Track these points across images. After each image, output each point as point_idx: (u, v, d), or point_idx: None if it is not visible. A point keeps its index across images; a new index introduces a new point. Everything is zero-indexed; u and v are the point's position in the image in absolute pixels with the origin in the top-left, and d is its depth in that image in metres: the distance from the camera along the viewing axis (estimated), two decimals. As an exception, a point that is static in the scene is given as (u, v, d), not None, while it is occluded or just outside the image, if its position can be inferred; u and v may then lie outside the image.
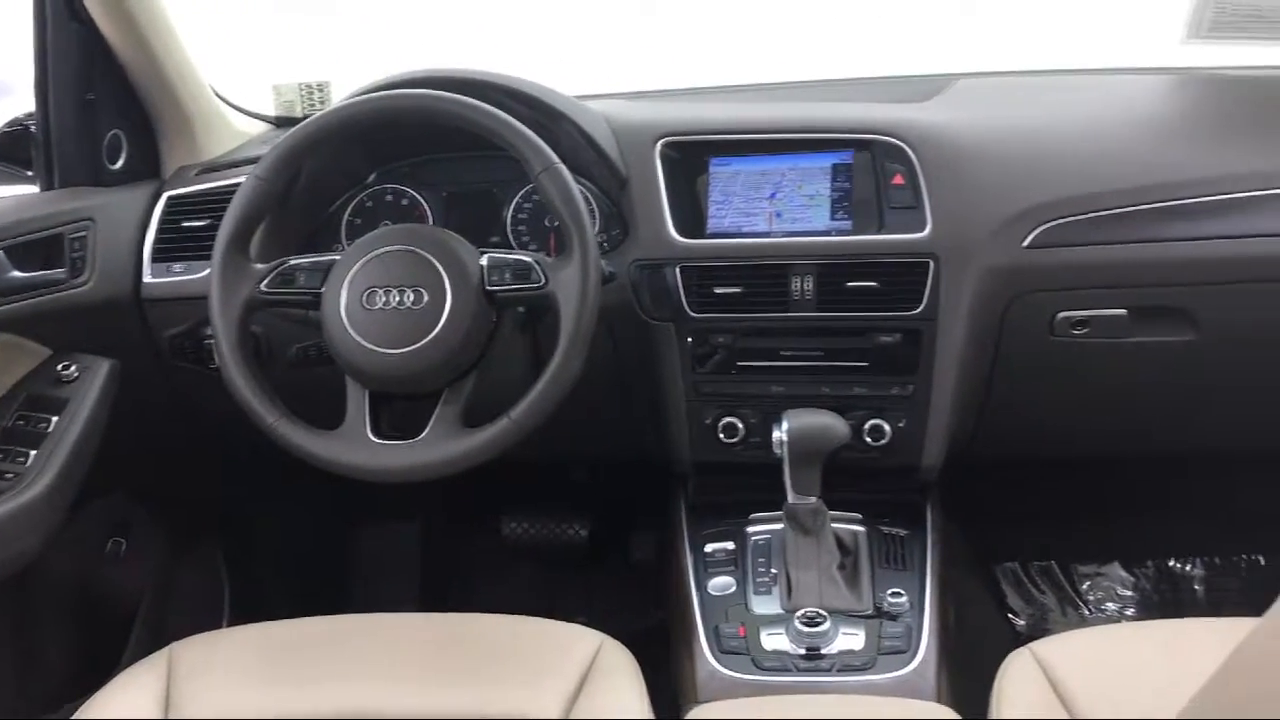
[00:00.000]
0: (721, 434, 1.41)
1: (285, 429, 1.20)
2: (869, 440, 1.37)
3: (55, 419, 1.30)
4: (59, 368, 1.34)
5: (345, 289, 1.20)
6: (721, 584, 1.32)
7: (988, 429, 1.48)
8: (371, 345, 1.18)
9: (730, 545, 1.37)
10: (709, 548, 1.37)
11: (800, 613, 1.21)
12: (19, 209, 1.38)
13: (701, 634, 1.25)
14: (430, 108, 1.22)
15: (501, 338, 1.24)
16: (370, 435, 1.19)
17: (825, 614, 1.21)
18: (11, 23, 1.44)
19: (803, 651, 1.20)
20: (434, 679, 1.16)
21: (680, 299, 1.38)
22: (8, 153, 1.46)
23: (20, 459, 1.26)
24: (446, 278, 1.18)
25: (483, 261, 1.21)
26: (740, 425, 1.40)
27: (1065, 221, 1.33)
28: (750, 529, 1.39)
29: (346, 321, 1.19)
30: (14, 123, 1.47)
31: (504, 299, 1.21)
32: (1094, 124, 1.45)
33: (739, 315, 1.38)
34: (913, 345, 1.35)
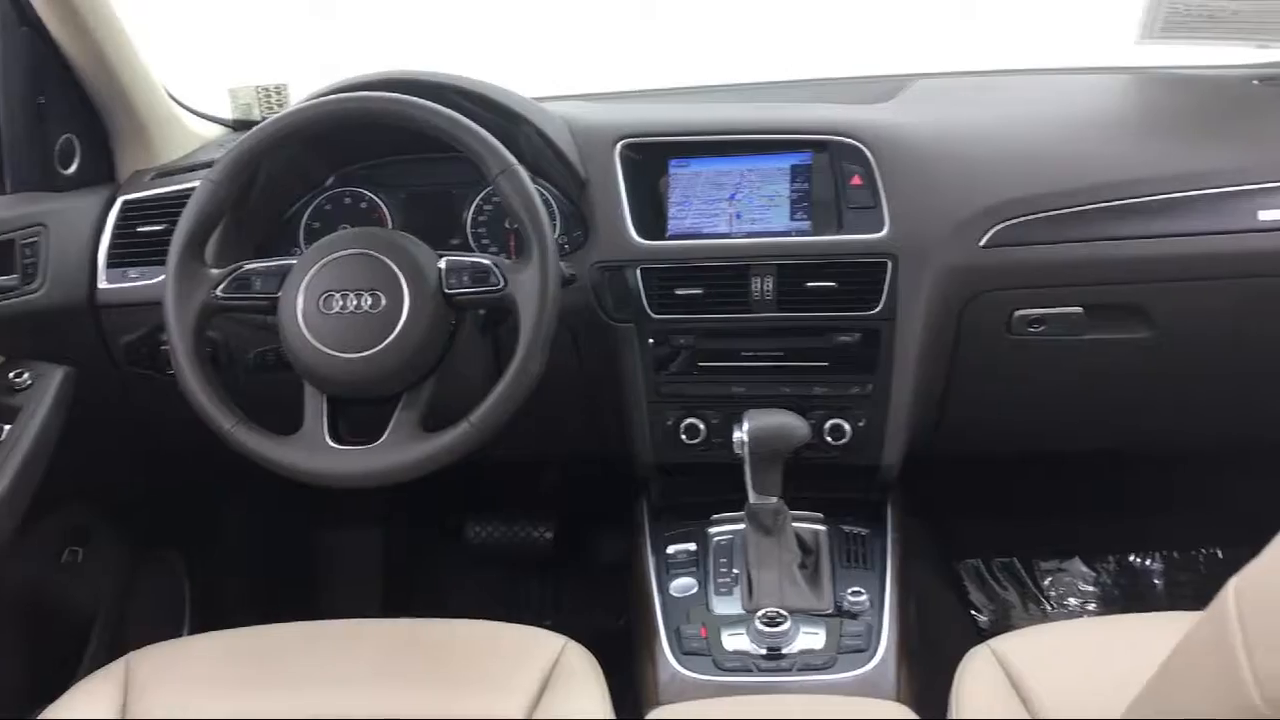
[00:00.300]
0: (683, 435, 1.41)
1: (242, 435, 1.19)
2: (829, 439, 1.38)
3: (8, 427, 1.28)
4: (11, 375, 1.32)
5: (302, 293, 1.19)
6: (683, 585, 1.32)
7: (947, 427, 1.49)
8: (329, 350, 1.17)
9: (692, 546, 1.38)
10: (671, 549, 1.38)
11: (761, 613, 1.22)
12: None
13: (663, 635, 1.26)
14: (387, 110, 1.21)
15: (461, 341, 1.24)
16: (328, 440, 1.18)
17: (786, 614, 1.22)
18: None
19: (764, 651, 1.21)
20: (395, 684, 1.15)
21: (641, 300, 1.38)
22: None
23: (-29, 468, 1.25)
24: (404, 281, 1.18)
25: (441, 264, 1.21)
26: (702, 426, 1.40)
27: (1021, 221, 1.34)
28: (712, 530, 1.39)
29: (303, 326, 1.18)
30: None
31: (463, 302, 1.21)
32: (1049, 124, 1.46)
33: (700, 316, 1.38)
34: (872, 345, 1.36)
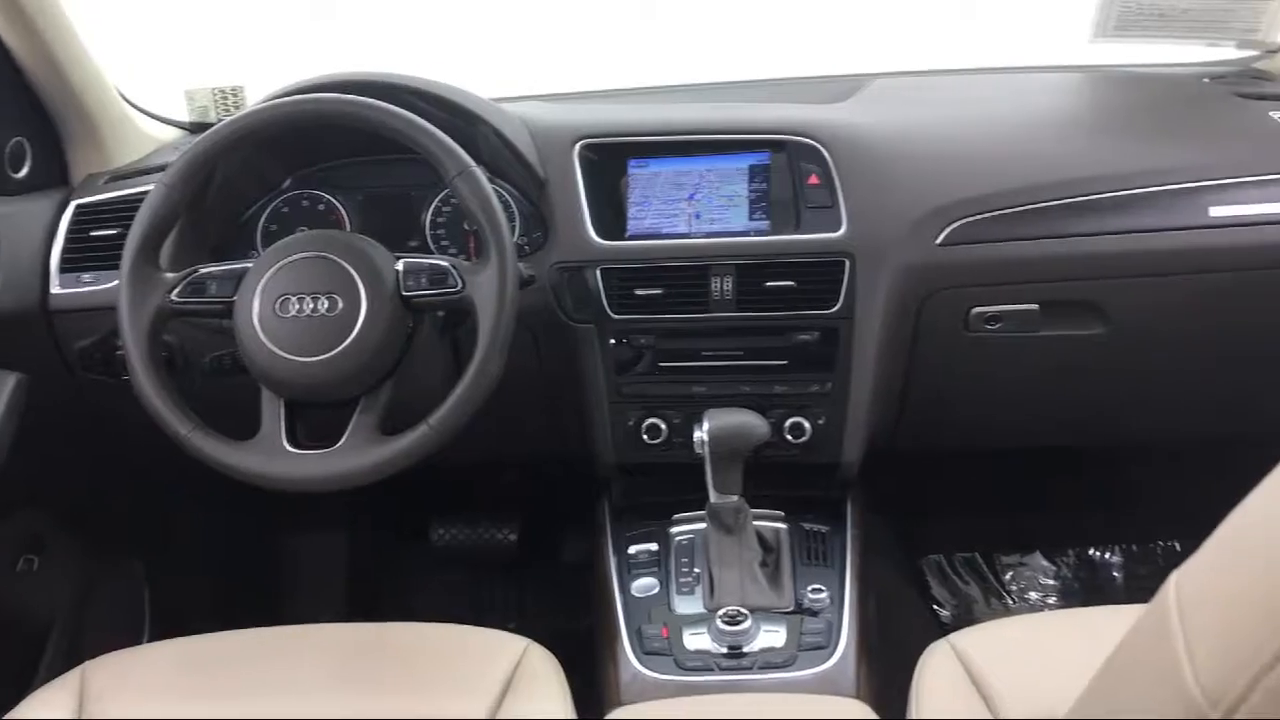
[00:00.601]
0: (645, 435, 1.41)
1: (199, 440, 1.18)
2: (789, 438, 1.39)
3: None
4: (-38, 382, 1.30)
5: (258, 297, 1.18)
6: (645, 585, 1.32)
7: (907, 424, 1.50)
8: (285, 353, 1.16)
9: (654, 546, 1.38)
10: (632, 549, 1.38)
11: (722, 611, 1.22)
12: None
13: (624, 636, 1.26)
14: (342, 112, 1.20)
15: (420, 343, 1.23)
16: (286, 445, 1.17)
17: (746, 612, 1.22)
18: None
19: (725, 650, 1.21)
20: (356, 689, 1.15)
21: (601, 301, 1.38)
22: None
23: (-78, 477, 1.23)
24: (361, 283, 1.17)
25: (398, 266, 1.20)
26: (663, 426, 1.41)
27: (976, 219, 1.35)
28: (674, 529, 1.39)
29: (260, 330, 1.17)
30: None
31: (420, 304, 1.20)
32: (1004, 122, 1.48)
33: (660, 316, 1.38)
34: (831, 343, 1.37)
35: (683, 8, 2.28)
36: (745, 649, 1.21)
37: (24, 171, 1.46)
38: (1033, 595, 1.95)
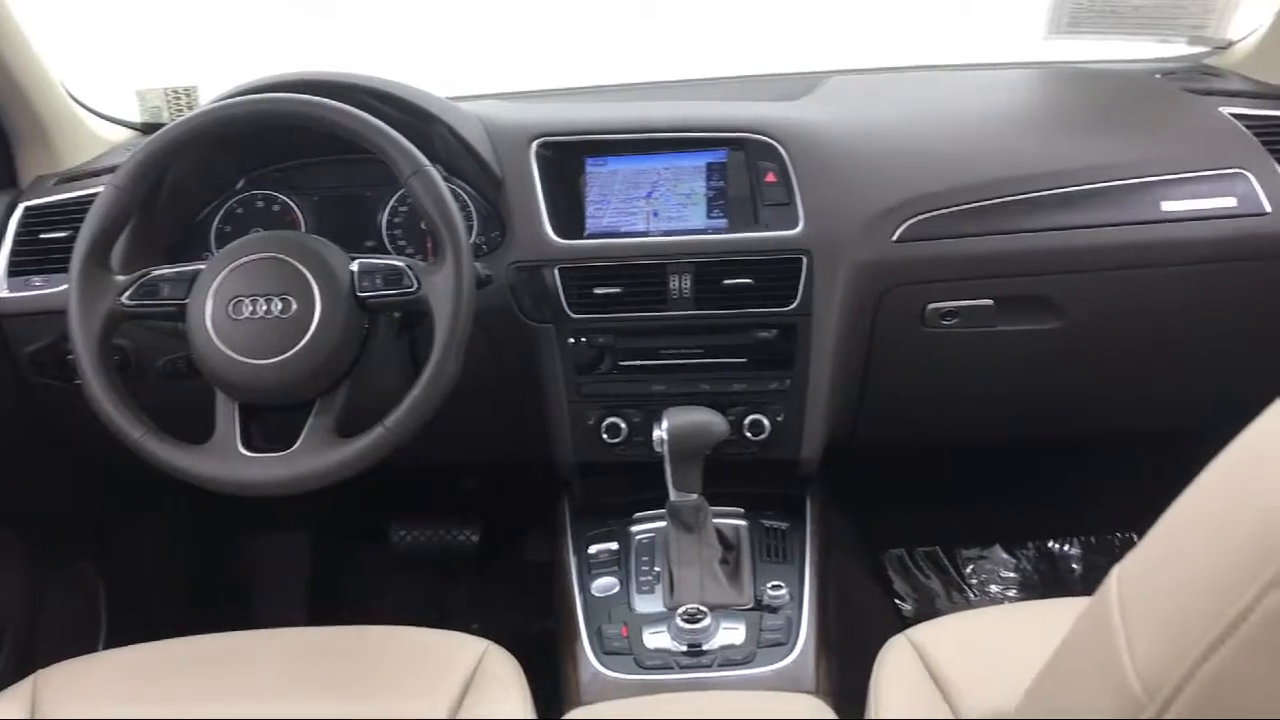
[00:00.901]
0: (604, 434, 1.41)
1: (152, 444, 1.17)
2: (749, 435, 1.39)
3: None
4: (-91, 388, 1.28)
5: (210, 299, 1.17)
6: (605, 585, 1.32)
7: (867, 420, 1.51)
8: (239, 356, 1.15)
9: (614, 546, 1.38)
10: (593, 549, 1.38)
11: (681, 610, 1.22)
12: None
13: (584, 635, 1.25)
14: (296, 112, 1.19)
15: (376, 345, 1.22)
16: (240, 448, 1.16)
17: (706, 610, 1.22)
18: None
19: (684, 648, 1.21)
20: (314, 693, 1.14)
21: (560, 300, 1.37)
22: None
23: None
24: (315, 285, 1.16)
25: (353, 267, 1.19)
26: (623, 425, 1.40)
27: (932, 215, 1.36)
28: (634, 528, 1.39)
29: (213, 332, 1.16)
30: None
31: (376, 305, 1.19)
32: (958, 119, 1.49)
33: (619, 315, 1.38)
34: (789, 340, 1.37)
35: (655, 7, 2.29)
36: (705, 647, 1.21)
37: (-30, 174, 1.44)
38: (993, 588, 1.97)
